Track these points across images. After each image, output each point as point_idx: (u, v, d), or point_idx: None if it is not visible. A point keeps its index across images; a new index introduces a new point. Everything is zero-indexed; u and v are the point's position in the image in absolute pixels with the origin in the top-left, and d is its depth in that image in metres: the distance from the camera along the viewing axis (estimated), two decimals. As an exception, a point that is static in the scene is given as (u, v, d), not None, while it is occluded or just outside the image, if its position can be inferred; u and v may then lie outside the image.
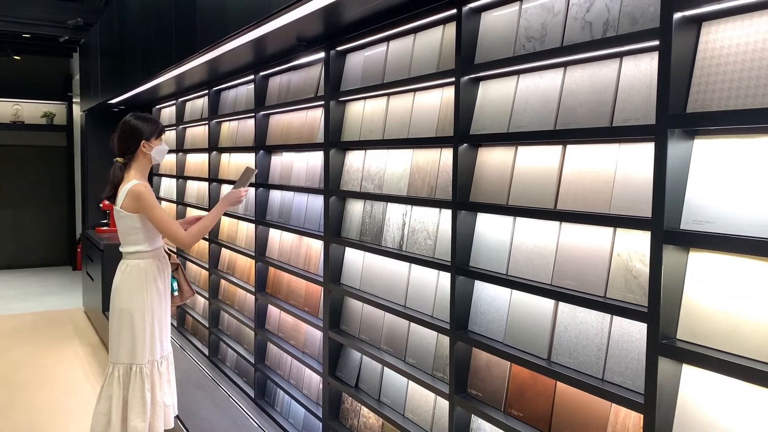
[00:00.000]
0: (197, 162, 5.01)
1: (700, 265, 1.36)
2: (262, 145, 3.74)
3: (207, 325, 4.66)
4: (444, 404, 2.30)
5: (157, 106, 5.97)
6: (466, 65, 2.11)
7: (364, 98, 2.80)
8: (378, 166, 2.69)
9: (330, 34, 2.82)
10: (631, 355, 1.64)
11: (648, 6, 1.56)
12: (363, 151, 2.82)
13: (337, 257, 2.97)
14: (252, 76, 3.79)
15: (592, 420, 1.75)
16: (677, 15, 1.31)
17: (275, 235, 3.73)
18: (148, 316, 2.88)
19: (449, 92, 2.28)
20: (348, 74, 2.90)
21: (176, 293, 3.18)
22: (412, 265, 2.49)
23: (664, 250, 1.34)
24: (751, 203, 1.26)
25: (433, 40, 2.37)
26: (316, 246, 3.25)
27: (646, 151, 1.59)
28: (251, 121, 3.96)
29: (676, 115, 1.32)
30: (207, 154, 4.61)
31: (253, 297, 3.91)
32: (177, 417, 3.17)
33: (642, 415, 1.48)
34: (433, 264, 2.28)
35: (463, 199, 2.13)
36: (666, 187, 1.33)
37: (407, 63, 2.50)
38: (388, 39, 2.64)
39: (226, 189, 4.42)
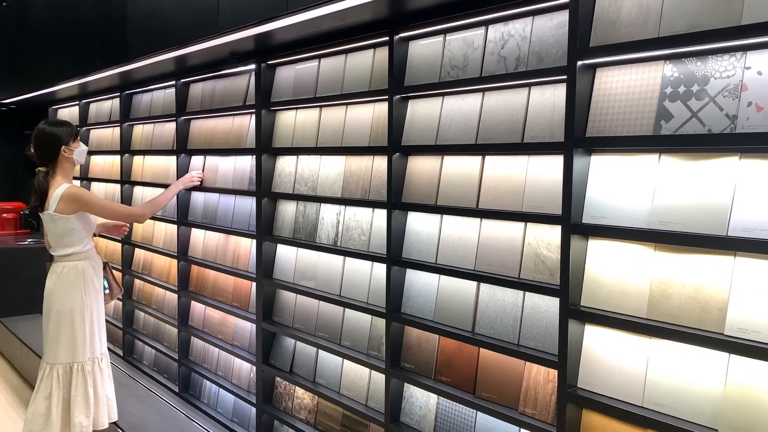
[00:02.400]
0: (104, 164, 5.02)
1: (597, 248, 1.81)
2: (184, 149, 3.89)
3: (121, 326, 4.70)
4: (378, 378, 2.65)
5: (55, 107, 5.83)
6: (398, 86, 2.47)
7: (296, 108, 3.09)
8: (311, 170, 2.99)
9: (262, 50, 3.08)
10: (541, 323, 2.07)
11: (551, 48, 2.00)
12: (295, 157, 3.10)
13: (270, 254, 3.23)
14: (173, 82, 3.93)
15: (510, 378, 2.17)
16: (579, 62, 1.75)
17: (199, 235, 3.90)
18: (87, 314, 2.99)
19: (380, 106, 2.63)
20: (279, 85, 3.17)
21: (107, 291, 3.29)
22: (347, 258, 2.81)
23: (571, 239, 1.78)
24: (631, 202, 1.72)
25: (365, 61, 2.70)
26: (245, 244, 3.48)
27: (549, 162, 2.02)
28: (169, 125, 4.10)
29: (580, 138, 1.76)
30: (119, 157, 4.65)
31: (174, 295, 4.05)
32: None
33: (556, 370, 1.92)
34: (369, 257, 2.63)
35: (397, 199, 2.49)
36: (572, 191, 1.77)
37: (340, 79, 2.81)
38: (319, 57, 2.94)
39: (140, 190, 4.51)
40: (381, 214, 2.63)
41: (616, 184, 1.75)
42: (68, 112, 5.66)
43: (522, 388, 2.13)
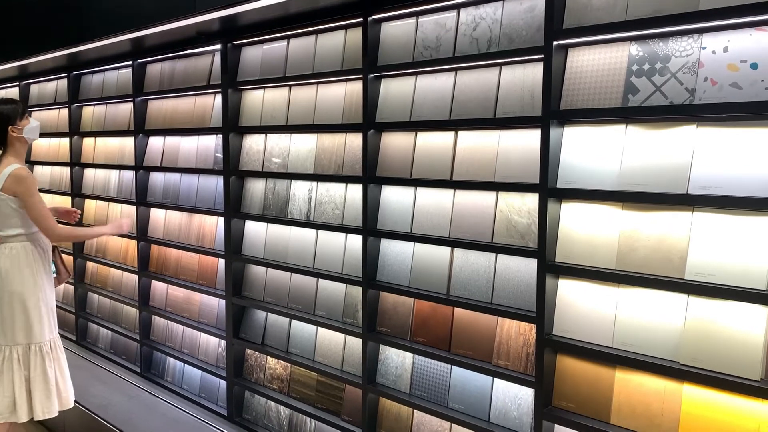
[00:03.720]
0: (50, 146, 4.90)
1: (570, 210, 2.02)
2: (142, 129, 3.88)
3: (73, 310, 4.63)
4: (353, 344, 2.80)
5: (-12, 89, 5.61)
6: (372, 66, 2.60)
7: (264, 87, 3.16)
8: (281, 148, 3.08)
9: (229, 30, 3.13)
10: (512, 281, 2.27)
11: (521, 30, 2.19)
12: (264, 135, 3.18)
13: (238, 231, 3.30)
14: (128, 62, 3.90)
15: (483, 334, 2.36)
16: (555, 43, 1.95)
17: (159, 215, 3.91)
18: (41, 295, 2.96)
19: (352, 85, 2.75)
20: (245, 64, 3.23)
21: (55, 275, 3.25)
22: (320, 231, 2.93)
23: (548, 202, 1.99)
24: (601, 168, 1.94)
25: (337, 41, 2.81)
26: (211, 222, 3.53)
27: (520, 135, 2.22)
28: (124, 106, 4.07)
29: (555, 111, 1.96)
30: (67, 139, 4.56)
31: (133, 276, 4.04)
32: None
33: (528, 324, 2.13)
34: (343, 229, 2.76)
35: (372, 174, 2.63)
36: (549, 159, 1.97)
37: (310, 58, 2.91)
38: (288, 37, 3.03)
39: (92, 173, 4.45)
40: (354, 189, 2.76)
41: (588, 152, 1.96)
42: (4, 94, 5.45)
43: (495, 343, 2.33)
